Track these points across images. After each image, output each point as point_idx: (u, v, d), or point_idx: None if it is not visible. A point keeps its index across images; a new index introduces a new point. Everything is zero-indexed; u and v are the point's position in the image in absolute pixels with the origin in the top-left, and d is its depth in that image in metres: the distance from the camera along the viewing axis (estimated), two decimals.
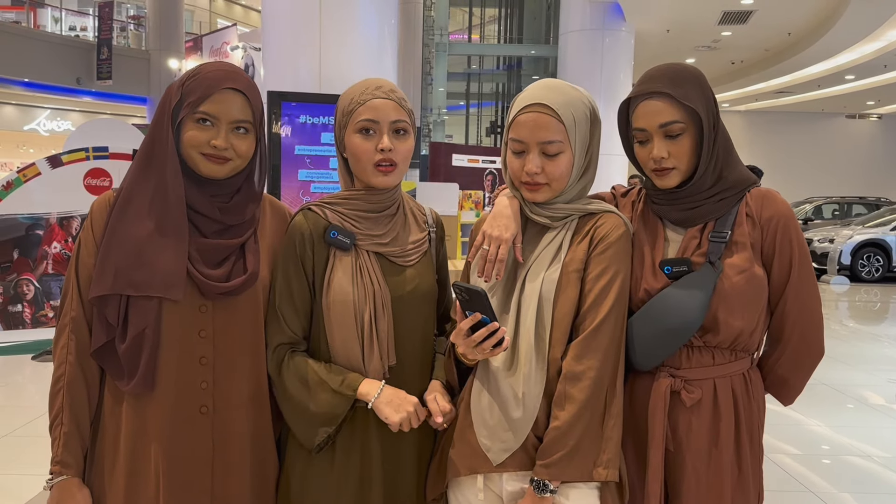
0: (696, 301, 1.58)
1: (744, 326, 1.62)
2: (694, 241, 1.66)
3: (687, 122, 1.62)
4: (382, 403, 1.61)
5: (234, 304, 1.62)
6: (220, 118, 1.58)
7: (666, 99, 1.62)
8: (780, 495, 3.93)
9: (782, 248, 1.63)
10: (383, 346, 1.65)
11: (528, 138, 1.61)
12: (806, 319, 1.66)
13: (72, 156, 3.81)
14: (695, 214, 1.66)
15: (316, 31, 5.04)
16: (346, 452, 1.67)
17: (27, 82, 17.64)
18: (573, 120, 1.62)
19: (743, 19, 12.74)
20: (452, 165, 9.45)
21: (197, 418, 1.60)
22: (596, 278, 1.58)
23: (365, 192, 1.72)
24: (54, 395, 1.59)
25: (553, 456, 1.51)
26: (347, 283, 1.65)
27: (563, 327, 1.57)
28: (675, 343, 1.61)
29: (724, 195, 1.65)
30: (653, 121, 1.62)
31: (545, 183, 1.62)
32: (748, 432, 1.66)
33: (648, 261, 1.67)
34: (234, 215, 1.65)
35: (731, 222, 1.64)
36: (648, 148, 1.64)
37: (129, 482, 1.58)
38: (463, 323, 1.54)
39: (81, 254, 1.61)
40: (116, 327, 1.55)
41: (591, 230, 1.63)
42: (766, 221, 1.64)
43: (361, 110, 1.67)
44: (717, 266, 1.60)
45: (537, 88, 1.64)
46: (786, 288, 1.64)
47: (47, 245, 3.74)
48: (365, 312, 1.64)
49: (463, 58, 19.53)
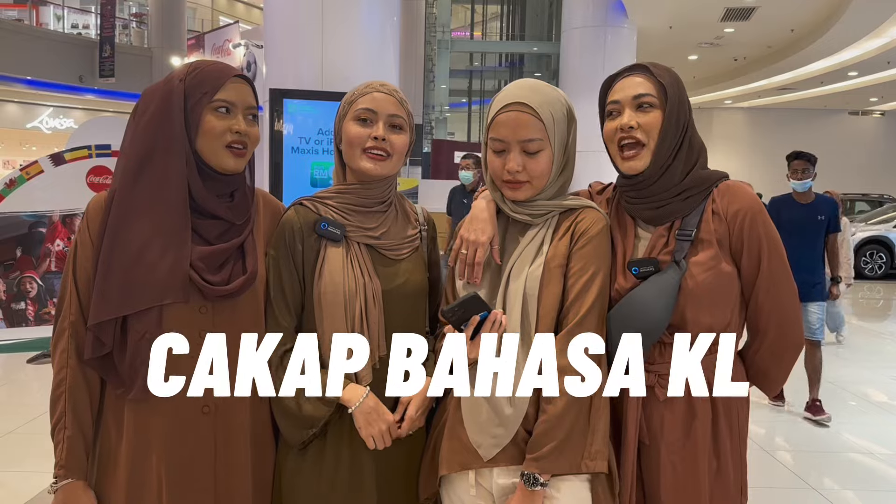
0: (661, 302, 1.60)
1: (713, 322, 1.63)
2: (661, 240, 1.67)
3: (659, 99, 1.65)
4: (360, 412, 1.64)
5: (233, 304, 1.62)
6: (237, 104, 1.62)
7: (642, 74, 1.67)
8: (784, 492, 3.93)
9: (750, 242, 1.64)
10: (373, 337, 1.67)
11: (508, 137, 1.63)
12: (781, 311, 1.68)
13: (75, 153, 3.81)
14: (662, 213, 1.68)
15: (318, 28, 5.04)
16: (336, 453, 1.68)
17: (30, 80, 17.64)
18: (552, 118, 1.64)
19: (745, 16, 12.72)
20: (455, 163, 9.47)
21: (199, 418, 1.60)
22: (578, 273, 1.61)
23: (357, 185, 1.75)
24: (56, 399, 1.58)
25: (542, 449, 1.53)
26: (338, 273, 1.67)
27: (548, 322, 1.60)
28: (645, 343, 1.62)
29: (690, 192, 1.67)
30: (627, 93, 1.67)
31: (526, 181, 1.64)
32: (727, 423, 1.67)
33: (620, 260, 1.69)
34: (240, 213, 1.66)
35: (696, 220, 1.65)
36: (618, 120, 1.67)
37: (131, 483, 1.58)
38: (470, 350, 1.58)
39: (79, 256, 1.60)
40: (109, 346, 1.54)
41: (572, 226, 1.65)
42: (732, 216, 1.65)
43: (362, 100, 1.73)
44: (682, 265, 1.62)
45: (516, 88, 1.66)
46: (757, 280, 1.66)
47: (50, 243, 3.74)
48: (355, 303, 1.66)
49: (465, 55, 19.51)
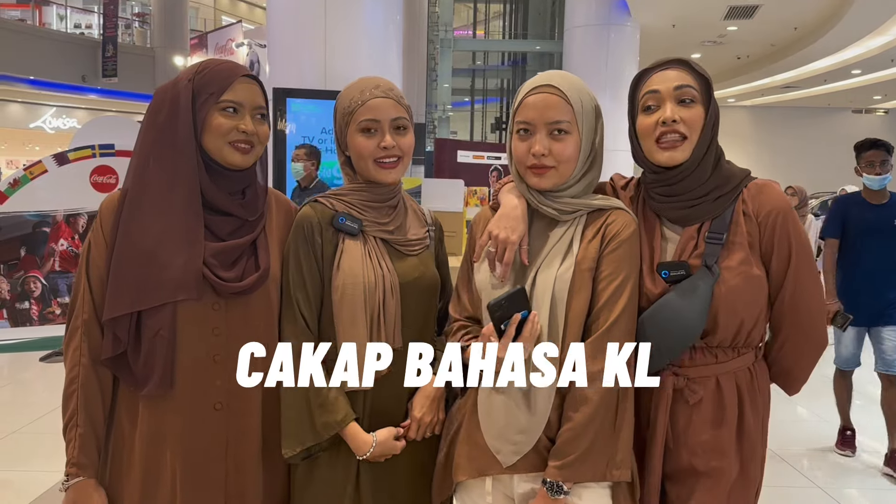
0: (695, 310, 1.58)
1: (742, 325, 1.62)
2: (691, 242, 1.64)
3: (700, 93, 1.62)
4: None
5: (246, 301, 1.63)
6: (244, 104, 1.63)
7: (682, 67, 1.63)
8: (787, 491, 3.92)
9: (780, 244, 1.62)
10: (389, 329, 1.68)
11: (535, 119, 1.59)
12: (806, 311, 1.66)
13: (78, 153, 3.81)
14: (692, 213, 1.64)
15: (321, 28, 5.03)
16: (348, 458, 1.69)
17: (32, 80, 17.66)
18: (581, 104, 1.61)
19: (749, 14, 12.68)
20: (457, 162, 9.43)
21: (211, 415, 1.61)
22: (609, 277, 1.56)
23: (368, 184, 1.77)
24: (68, 396, 1.59)
25: (567, 457, 1.50)
26: (357, 265, 1.69)
27: (576, 328, 1.56)
28: (677, 350, 1.61)
29: (719, 192, 1.64)
30: (667, 84, 1.61)
31: (552, 166, 1.59)
32: (752, 425, 1.65)
33: (647, 262, 1.65)
34: (251, 209, 1.67)
35: (727, 222, 1.62)
36: (658, 114, 1.62)
37: (145, 481, 1.58)
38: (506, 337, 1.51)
39: (92, 255, 1.61)
40: (126, 343, 1.56)
41: (602, 227, 1.60)
42: (764, 217, 1.63)
43: (362, 111, 1.72)
44: (714, 270, 1.59)
45: (546, 74, 1.64)
46: (784, 281, 1.64)
47: (54, 242, 3.74)
48: (374, 294, 1.67)
49: (468, 54, 19.49)
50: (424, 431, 1.72)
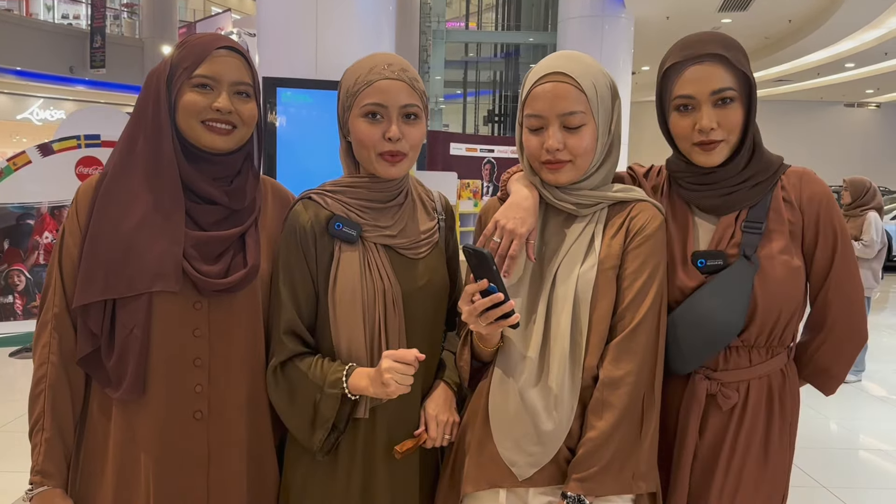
0: (736, 305, 1.48)
1: (779, 318, 1.52)
2: (729, 231, 1.53)
3: (739, 91, 1.50)
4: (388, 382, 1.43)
5: (231, 300, 1.50)
6: (220, 80, 1.48)
7: (719, 63, 1.48)
8: (792, 490, 3.84)
9: (825, 232, 1.53)
10: (393, 346, 1.52)
11: (546, 111, 1.46)
12: (850, 307, 1.56)
13: (63, 144, 3.74)
14: (729, 201, 1.54)
15: (312, 17, 4.97)
16: (348, 464, 1.55)
17: (19, 71, 17.47)
18: (594, 90, 1.48)
19: (743, 6, 12.63)
20: (450, 154, 9.38)
21: (191, 424, 1.48)
22: (634, 274, 1.45)
23: (369, 179, 1.59)
24: (35, 397, 1.48)
25: (589, 469, 1.39)
26: (355, 279, 1.51)
27: (601, 332, 1.45)
28: (716, 349, 1.51)
29: (758, 178, 1.53)
30: (704, 87, 1.47)
31: (568, 160, 1.47)
32: (782, 429, 1.57)
33: (679, 254, 1.54)
34: (238, 199, 1.53)
35: (765, 210, 1.52)
36: (693, 118, 1.50)
37: (117, 493, 1.47)
38: (469, 287, 1.38)
39: (66, 243, 1.49)
40: (101, 336, 1.44)
41: (626, 221, 1.49)
42: (807, 203, 1.53)
43: (368, 91, 1.52)
44: (754, 261, 1.49)
45: (554, 58, 1.51)
46: (830, 272, 1.54)
47: (38, 235, 3.68)
48: (374, 311, 1.52)
49: (460, 46, 19.37)
50: (443, 432, 1.56)
